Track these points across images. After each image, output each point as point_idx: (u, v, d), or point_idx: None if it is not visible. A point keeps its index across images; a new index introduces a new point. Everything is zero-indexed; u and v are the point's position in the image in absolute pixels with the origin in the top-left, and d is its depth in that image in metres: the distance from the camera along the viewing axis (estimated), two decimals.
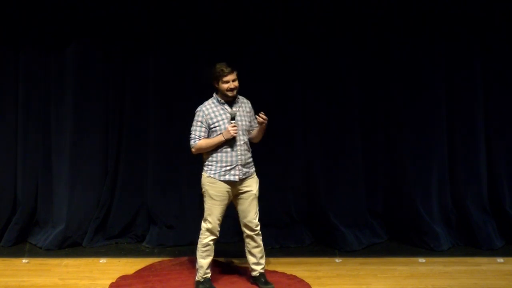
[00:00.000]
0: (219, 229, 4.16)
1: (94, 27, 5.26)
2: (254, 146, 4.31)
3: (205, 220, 4.16)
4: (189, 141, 4.17)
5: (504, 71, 5.34)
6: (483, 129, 5.35)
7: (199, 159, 5.41)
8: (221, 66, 4.12)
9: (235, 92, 4.12)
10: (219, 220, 4.14)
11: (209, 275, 4.24)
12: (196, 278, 4.25)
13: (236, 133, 4.04)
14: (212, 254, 4.20)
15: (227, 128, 4.05)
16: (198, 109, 4.19)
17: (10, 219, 5.34)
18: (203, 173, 4.19)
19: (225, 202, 4.15)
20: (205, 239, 4.16)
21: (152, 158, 5.42)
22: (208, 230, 4.14)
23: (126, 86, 5.40)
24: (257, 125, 4.20)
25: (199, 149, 4.15)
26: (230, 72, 4.10)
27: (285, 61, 5.28)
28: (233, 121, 4.08)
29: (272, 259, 4.40)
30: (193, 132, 4.16)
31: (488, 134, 5.38)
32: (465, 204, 5.31)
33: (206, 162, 4.18)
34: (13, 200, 5.41)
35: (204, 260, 4.18)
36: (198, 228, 5.39)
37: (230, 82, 4.09)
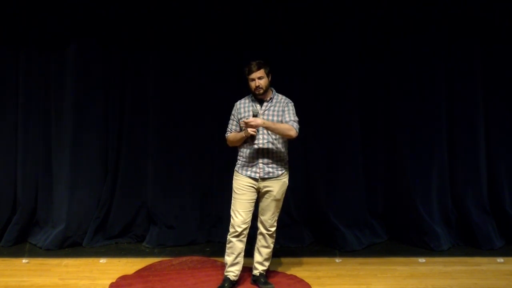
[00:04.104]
0: (243, 226, 4.09)
1: (94, 27, 5.27)
2: None
3: (230, 214, 4.17)
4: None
5: (504, 71, 5.34)
6: (483, 129, 5.36)
7: (199, 159, 5.45)
8: (249, 64, 4.10)
9: (261, 90, 4.08)
10: (241, 215, 4.09)
11: (231, 275, 4.19)
12: None
13: (254, 132, 4.00)
14: (236, 253, 4.14)
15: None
16: (235, 103, 4.26)
17: (10, 219, 5.35)
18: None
19: (246, 197, 4.12)
20: (228, 234, 4.16)
21: (152, 158, 5.42)
22: (231, 224, 4.13)
23: (126, 86, 5.40)
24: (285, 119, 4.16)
25: (229, 141, 4.25)
26: (256, 70, 4.06)
27: (284, 61, 5.28)
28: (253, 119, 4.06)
29: (272, 259, 4.39)
30: (228, 125, 4.26)
31: (488, 134, 5.38)
32: (465, 204, 5.31)
33: (237, 157, 4.23)
34: (13, 200, 5.41)
35: (227, 257, 4.19)
36: (198, 228, 5.44)
37: (255, 80, 4.07)
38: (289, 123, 4.08)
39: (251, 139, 4.07)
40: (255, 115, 4.05)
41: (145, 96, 5.41)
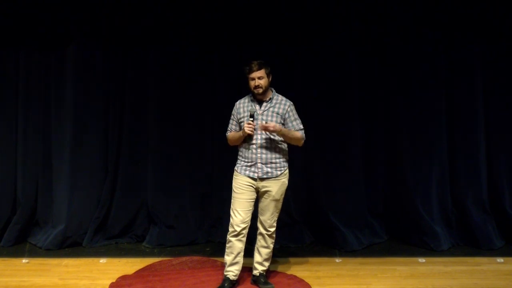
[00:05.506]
0: (242, 225, 4.09)
1: (94, 27, 5.27)
2: None
3: (230, 213, 4.16)
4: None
5: (504, 71, 5.34)
6: (483, 129, 5.36)
7: (199, 159, 5.45)
8: (249, 63, 4.10)
9: (260, 90, 4.09)
10: (240, 215, 4.09)
11: (230, 274, 4.19)
12: None
13: (251, 131, 4.01)
14: (235, 252, 4.13)
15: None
16: (236, 102, 4.27)
17: (10, 219, 5.35)
18: None
19: (245, 196, 4.12)
20: (228, 234, 4.16)
21: (152, 158, 5.41)
22: (230, 224, 4.13)
23: (126, 86, 5.40)
24: (289, 128, 4.15)
25: (229, 140, 4.27)
26: (256, 70, 4.06)
27: (284, 61, 5.28)
28: (251, 119, 4.06)
29: (272, 259, 4.40)
30: (228, 125, 4.28)
31: (488, 134, 5.38)
32: (465, 204, 5.31)
33: (237, 156, 4.24)
34: (13, 200, 5.42)
35: (227, 257, 4.19)
36: (198, 228, 5.43)
37: (255, 79, 4.07)
38: (300, 133, 4.16)
39: (248, 138, 4.06)
40: (252, 115, 4.06)
41: (145, 96, 5.41)
